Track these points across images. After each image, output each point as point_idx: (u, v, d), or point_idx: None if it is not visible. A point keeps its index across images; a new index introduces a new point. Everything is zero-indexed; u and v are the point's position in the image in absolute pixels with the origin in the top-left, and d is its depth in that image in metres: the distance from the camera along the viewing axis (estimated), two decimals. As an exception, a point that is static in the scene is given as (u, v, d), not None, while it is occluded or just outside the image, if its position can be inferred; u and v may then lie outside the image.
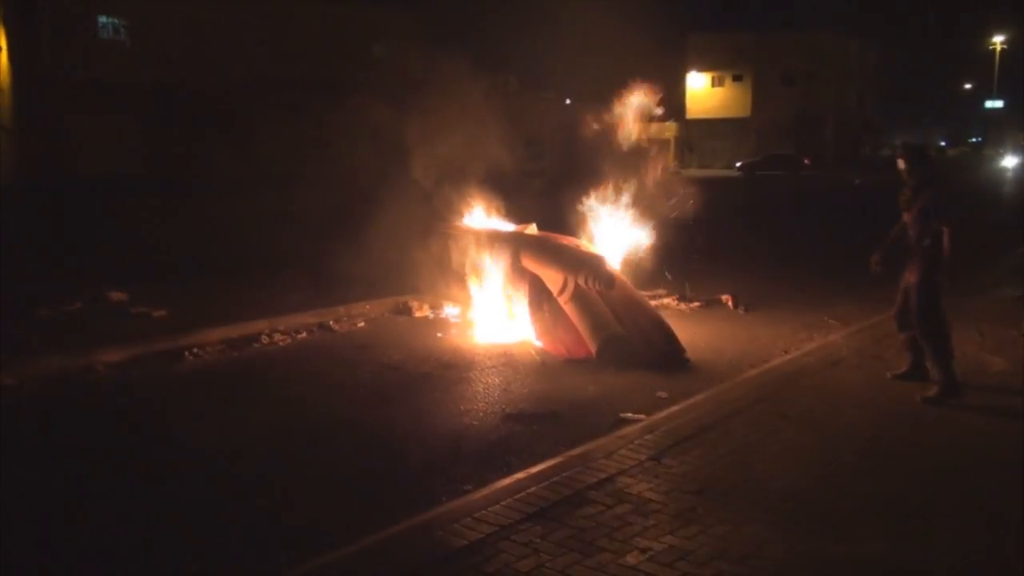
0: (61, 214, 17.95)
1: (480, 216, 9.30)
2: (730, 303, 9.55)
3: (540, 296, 7.79)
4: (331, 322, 8.89)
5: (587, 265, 7.52)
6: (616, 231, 8.84)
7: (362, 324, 9.00)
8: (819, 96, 60.99)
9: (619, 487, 4.43)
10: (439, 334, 8.50)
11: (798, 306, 9.57)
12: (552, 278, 7.66)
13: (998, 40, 71.55)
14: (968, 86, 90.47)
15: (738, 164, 51.66)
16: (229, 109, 26.44)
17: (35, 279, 10.18)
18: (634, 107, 9.04)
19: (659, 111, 9.06)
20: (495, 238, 8.50)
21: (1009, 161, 60.54)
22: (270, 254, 11.84)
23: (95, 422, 5.98)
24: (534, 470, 4.63)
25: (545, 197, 9.14)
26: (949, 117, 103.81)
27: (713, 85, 63.08)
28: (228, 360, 7.62)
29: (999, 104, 78.72)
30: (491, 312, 8.55)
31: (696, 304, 9.59)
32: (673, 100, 60.51)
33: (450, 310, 9.22)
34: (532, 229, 8.88)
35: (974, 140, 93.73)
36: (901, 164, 6.22)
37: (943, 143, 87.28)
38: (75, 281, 10.25)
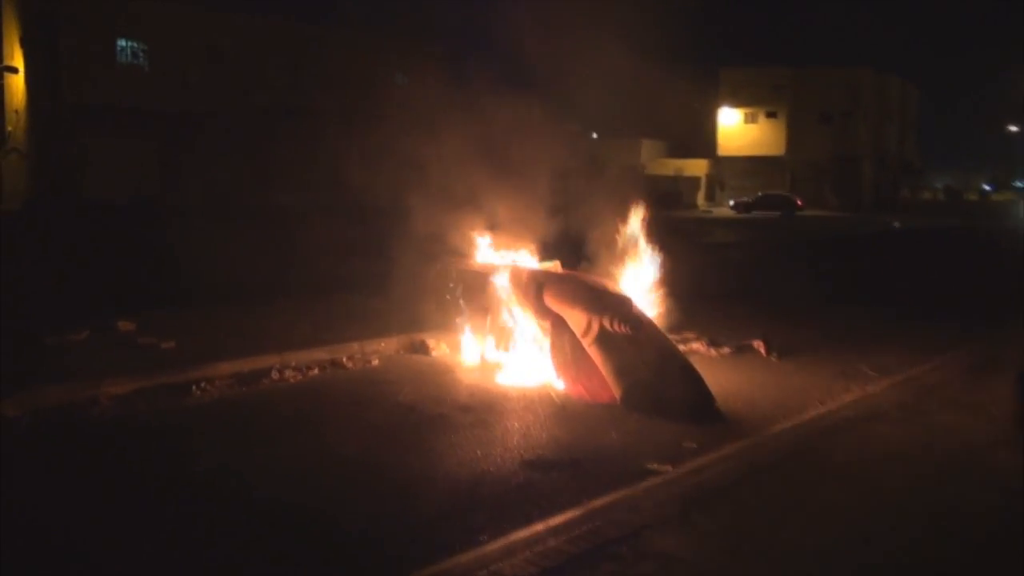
0: (73, 239, 18.18)
1: (501, 252, 9.30)
2: (762, 349, 9.44)
3: (563, 337, 7.74)
4: (344, 359, 8.88)
5: (612, 306, 7.47)
6: (643, 271, 8.80)
7: (376, 362, 8.98)
8: (857, 135, 61.01)
9: (643, 543, 4.34)
10: (456, 374, 8.46)
11: (834, 353, 9.44)
12: (576, 319, 7.62)
13: (1047, 81, 71.43)
14: (1015, 128, 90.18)
15: (732, 203, 52.65)
16: (249, 136, 26.85)
17: (44, 306, 10.28)
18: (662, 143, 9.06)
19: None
20: (516, 275, 8.48)
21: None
22: (285, 285, 11.89)
23: (95, 458, 5.97)
24: (553, 522, 4.56)
25: (568, 233, 9.12)
26: (994, 160, 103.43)
27: (746, 121, 63.25)
28: (237, 396, 7.62)
29: (1047, 147, 78.25)
30: (511, 353, 8.51)
31: (726, 350, 9.49)
32: (704, 136, 60.83)
33: (468, 349, 9.18)
34: (556, 266, 8.87)
35: (1020, 185, 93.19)
36: None
37: (987, 187, 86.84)
38: (84, 309, 10.34)
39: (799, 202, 50.88)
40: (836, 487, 5.24)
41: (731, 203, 53.28)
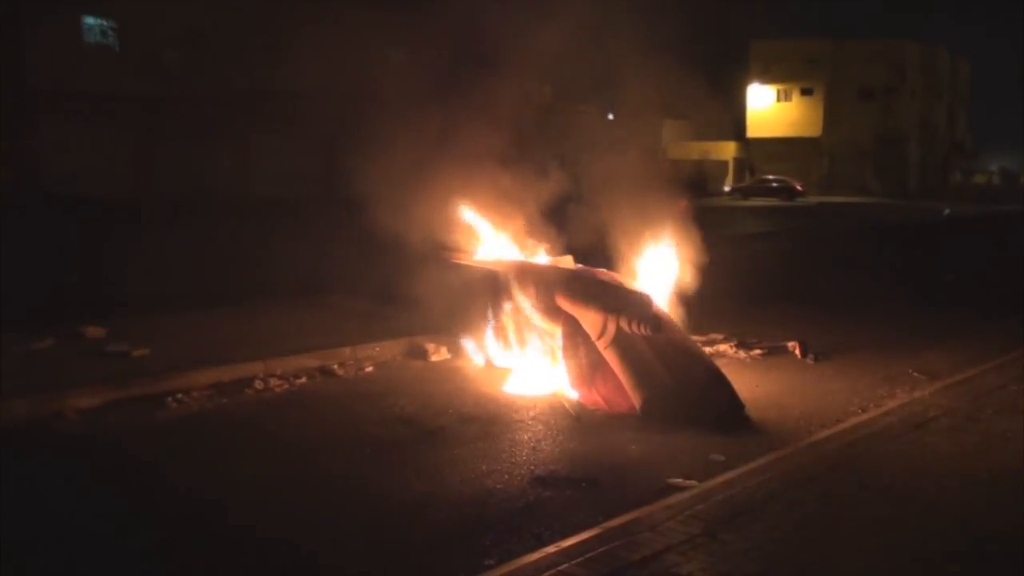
0: (37, 237, 18.28)
1: (507, 246, 9.30)
2: (797, 351, 9.42)
3: (576, 340, 7.74)
4: (335, 366, 8.90)
5: (630, 305, 7.46)
6: (664, 266, 8.79)
7: (370, 369, 9.00)
8: (902, 113, 60.81)
9: (666, 566, 4.33)
10: (458, 382, 8.46)
11: (877, 355, 9.42)
12: (590, 320, 7.62)
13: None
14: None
15: (727, 188, 53.60)
16: (227, 123, 26.88)
17: (5, 311, 10.32)
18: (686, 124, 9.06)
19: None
20: (524, 272, 8.48)
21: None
22: (270, 285, 11.92)
23: (55, 480, 5.99)
24: (566, 544, 4.56)
25: (580, 223, 9.13)
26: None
27: (779, 100, 63.15)
28: (216, 408, 7.64)
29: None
30: (519, 358, 8.51)
31: (758, 352, 9.48)
32: (732, 116, 60.67)
33: (472, 354, 9.18)
34: (567, 262, 8.86)
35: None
36: None
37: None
38: (49, 313, 10.38)
39: (798, 187, 52.09)
40: (879, 503, 5.22)
41: (726, 189, 54.81)
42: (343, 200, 10.50)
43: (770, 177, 54.16)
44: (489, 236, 9.35)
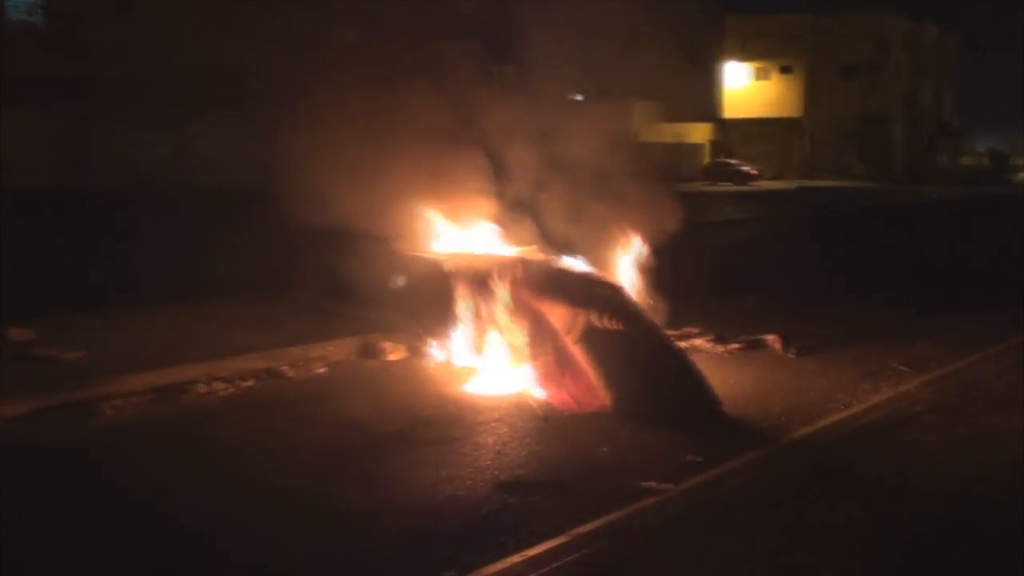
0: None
1: (466, 236, 9.28)
2: (777, 345, 9.49)
3: (543, 336, 7.73)
4: (284, 367, 8.82)
5: (600, 297, 7.47)
6: (634, 256, 8.81)
7: (322, 370, 8.93)
8: (886, 93, 61.48)
9: (639, 574, 4.34)
10: (417, 383, 8.43)
11: (861, 348, 9.51)
12: (558, 314, 7.61)
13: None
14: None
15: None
16: (170, 107, 26.53)
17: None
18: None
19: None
20: (486, 264, 8.46)
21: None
22: (212, 280, 11.81)
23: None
24: (532, 553, 4.55)
25: (542, 211, 9.14)
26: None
27: (757, 78, 63.60)
28: (155, 414, 7.54)
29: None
30: (482, 356, 8.48)
31: (735, 346, 9.53)
32: (706, 96, 60.95)
33: (431, 352, 9.15)
34: (532, 252, 8.85)
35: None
36: None
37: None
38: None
39: (753, 171, 53.48)
40: (863, 504, 5.27)
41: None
42: (290, 189, 10.43)
43: (731, 161, 54.90)
44: (447, 226, 9.32)
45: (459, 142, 9.09)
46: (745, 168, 54.00)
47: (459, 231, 9.32)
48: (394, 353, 9.31)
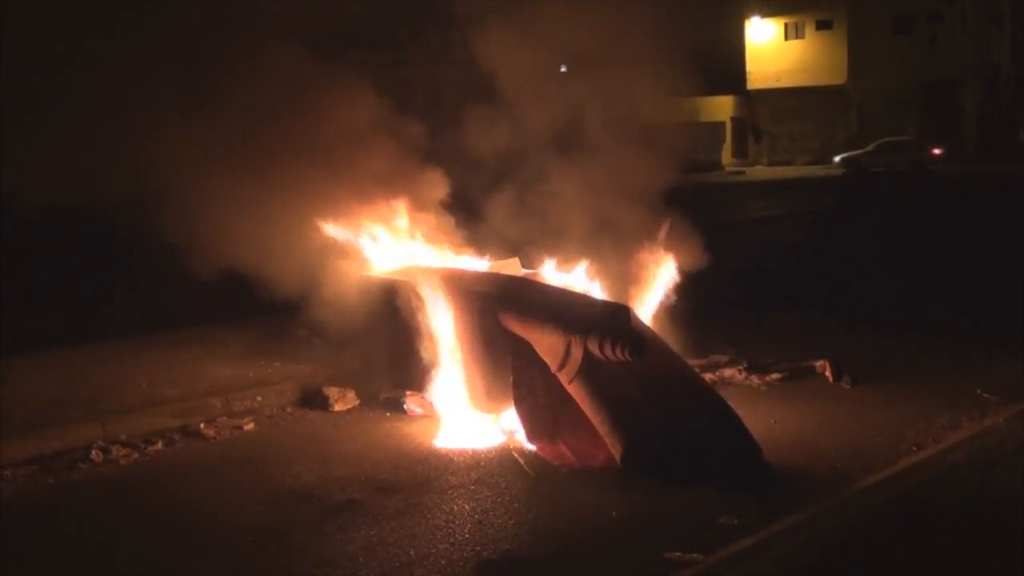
0: None
1: (433, 249, 9.30)
2: (828, 373, 9.51)
3: (530, 373, 7.74)
4: (201, 424, 8.81)
5: (601, 321, 7.45)
6: (643, 267, 8.85)
7: (251, 426, 8.91)
8: (951, 51, 61.70)
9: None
10: (373, 437, 8.42)
11: (932, 373, 9.55)
12: (547, 344, 7.60)
13: None
14: None
15: (837, 158, 53.35)
16: (35, 96, 26.41)
17: None
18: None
19: None
20: (455, 284, 8.45)
21: None
22: (103, 318, 11.77)
23: None
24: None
25: (522, 213, 9.18)
26: None
27: (787, 37, 63.62)
28: (38, 491, 7.50)
29: None
30: (454, 401, 8.46)
31: (776, 376, 9.55)
32: (728, 62, 61.07)
33: (389, 399, 9.14)
34: (514, 267, 8.85)
35: None
36: None
37: None
38: None
39: (936, 150, 52.76)
40: (945, 570, 5.25)
41: (836, 159, 54.74)
42: (209, 200, 10.46)
43: (893, 140, 54.49)
44: (403, 235, 9.34)
45: (413, 130, 9.16)
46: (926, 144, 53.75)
47: (418, 242, 9.34)
48: (342, 401, 9.29)
